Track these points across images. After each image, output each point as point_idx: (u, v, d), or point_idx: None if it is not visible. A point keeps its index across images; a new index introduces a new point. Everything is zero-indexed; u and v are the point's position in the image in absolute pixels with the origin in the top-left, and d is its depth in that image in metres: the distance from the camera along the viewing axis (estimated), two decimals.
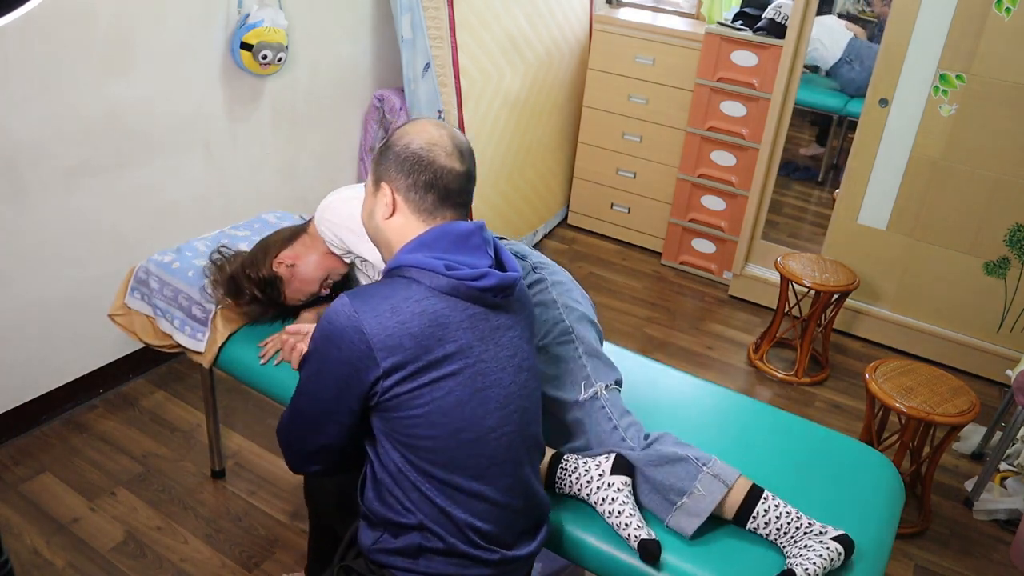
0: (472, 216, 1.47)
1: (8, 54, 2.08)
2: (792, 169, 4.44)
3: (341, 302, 1.26)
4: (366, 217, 1.41)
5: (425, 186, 1.31)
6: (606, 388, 1.69)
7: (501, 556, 1.35)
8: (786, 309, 3.13)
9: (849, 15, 4.24)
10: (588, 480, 1.58)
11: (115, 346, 2.67)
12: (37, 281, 2.37)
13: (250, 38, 2.58)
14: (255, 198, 2.94)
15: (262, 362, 1.93)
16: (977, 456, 2.77)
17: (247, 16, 2.59)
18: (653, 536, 1.50)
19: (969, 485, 2.59)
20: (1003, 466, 2.58)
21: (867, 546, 1.55)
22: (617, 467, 1.58)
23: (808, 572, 1.43)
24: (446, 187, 1.32)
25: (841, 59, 3.95)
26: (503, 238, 1.77)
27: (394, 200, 1.34)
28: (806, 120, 4.58)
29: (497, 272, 1.31)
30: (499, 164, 3.51)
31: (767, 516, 1.54)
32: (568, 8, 3.74)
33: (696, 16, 3.88)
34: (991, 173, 2.99)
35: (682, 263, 3.91)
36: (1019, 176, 2.95)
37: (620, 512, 1.53)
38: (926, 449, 2.40)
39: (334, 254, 1.91)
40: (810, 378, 3.12)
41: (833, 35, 3.98)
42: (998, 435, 2.64)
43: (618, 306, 3.55)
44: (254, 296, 1.93)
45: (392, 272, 1.31)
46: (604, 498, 1.56)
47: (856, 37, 4.00)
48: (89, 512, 2.23)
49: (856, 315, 3.40)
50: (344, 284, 2.03)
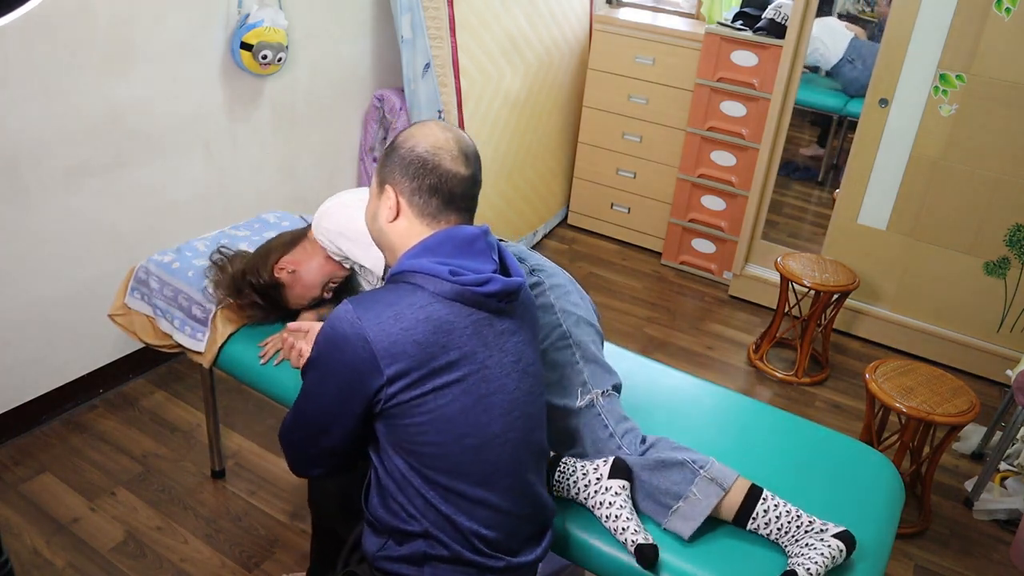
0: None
1: (8, 54, 2.08)
2: (792, 169, 4.44)
3: (344, 309, 1.24)
4: (369, 219, 1.40)
5: (430, 190, 1.30)
6: (603, 394, 1.67)
7: (507, 563, 1.34)
8: (786, 309, 3.13)
9: (849, 15, 4.24)
10: (586, 484, 1.58)
11: (115, 346, 2.67)
12: (37, 281, 2.37)
13: (250, 38, 2.58)
14: (255, 198, 2.95)
15: (262, 362, 1.93)
16: (977, 456, 2.77)
17: (247, 16, 2.60)
18: (651, 540, 1.50)
19: (969, 485, 2.59)
20: (1003, 466, 2.58)
21: (867, 546, 1.55)
22: (615, 471, 1.58)
23: (811, 572, 1.43)
24: (451, 191, 1.31)
25: (843, 58, 3.95)
26: (501, 240, 1.76)
27: (398, 203, 1.32)
28: (806, 120, 4.57)
29: (501, 277, 1.30)
30: (499, 164, 3.51)
31: (767, 516, 1.54)
32: (568, 8, 3.74)
33: (696, 16, 3.88)
34: (991, 173, 2.99)
35: (682, 263, 3.91)
36: (1019, 176, 2.95)
37: (618, 516, 1.53)
38: (926, 449, 2.40)
39: (335, 259, 1.91)
40: (810, 378, 3.12)
41: (834, 35, 3.98)
42: (998, 435, 2.64)
43: (618, 306, 3.55)
44: (255, 302, 1.95)
45: (396, 277, 1.30)
46: (602, 502, 1.55)
47: (857, 37, 4.00)
48: (89, 512, 2.23)
49: (856, 315, 3.40)
50: (346, 287, 2.03)
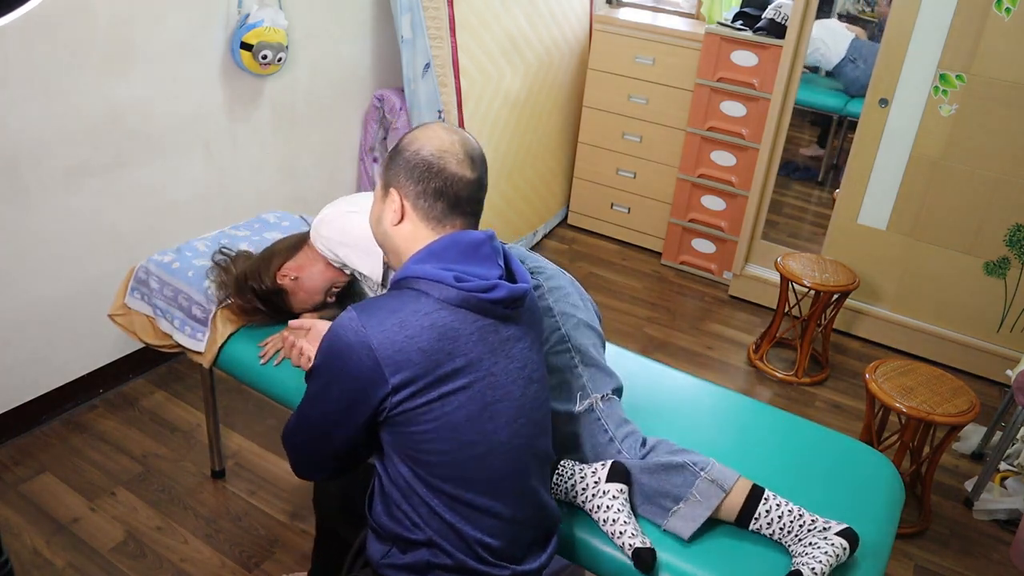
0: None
1: (8, 54, 2.08)
2: (792, 169, 4.44)
3: (348, 316, 1.23)
4: (374, 222, 1.38)
5: (435, 194, 1.29)
6: (603, 399, 1.66)
7: (511, 572, 1.33)
8: (786, 309, 3.13)
9: (849, 15, 4.24)
10: (584, 487, 1.58)
11: (115, 346, 2.67)
12: (37, 281, 2.37)
13: (250, 38, 2.58)
14: (255, 198, 2.95)
15: (262, 362, 1.93)
16: (977, 456, 2.77)
17: (247, 16, 2.60)
18: (648, 544, 1.49)
19: (969, 485, 2.59)
20: (1003, 466, 2.58)
21: (867, 546, 1.55)
22: (613, 474, 1.58)
23: (815, 572, 1.42)
24: (456, 195, 1.29)
25: (845, 58, 3.95)
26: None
27: (402, 207, 1.31)
28: (806, 120, 4.57)
29: (507, 283, 1.28)
30: (499, 164, 3.51)
31: (769, 516, 1.54)
32: (568, 8, 3.74)
33: (696, 16, 3.88)
34: (991, 173, 2.99)
35: (682, 263, 3.91)
36: (1019, 176, 2.95)
37: (615, 520, 1.52)
38: (926, 449, 2.40)
39: (335, 266, 1.92)
40: (810, 378, 3.12)
41: (835, 36, 3.98)
42: (998, 435, 2.64)
43: (618, 306, 3.55)
44: (256, 308, 1.95)
45: (400, 283, 1.28)
46: (599, 506, 1.55)
47: (857, 38, 4.00)
48: (89, 512, 2.23)
49: (856, 315, 3.40)
50: (349, 291, 2.03)
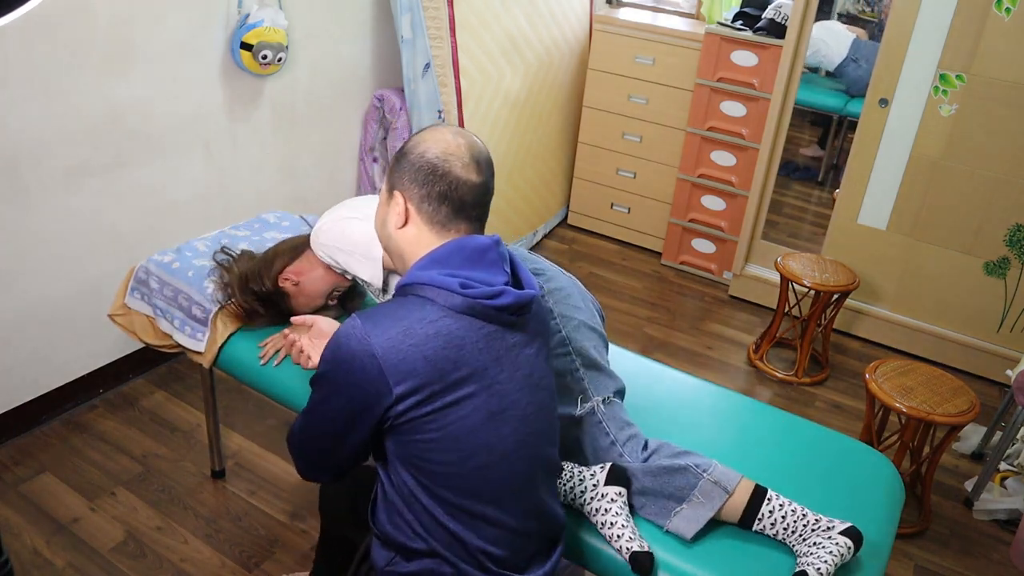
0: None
1: (8, 54, 2.08)
2: (792, 169, 4.44)
3: (352, 324, 1.21)
4: (379, 225, 1.37)
5: (439, 197, 1.27)
6: (604, 401, 1.66)
7: None
8: (786, 309, 3.12)
9: (849, 15, 4.24)
10: (583, 490, 1.58)
11: (115, 346, 2.67)
12: (37, 281, 2.37)
13: (250, 38, 2.58)
14: (255, 198, 2.94)
15: (262, 362, 1.93)
16: (977, 456, 2.77)
17: (247, 16, 2.60)
18: (646, 548, 1.49)
19: (969, 485, 2.59)
20: (1003, 466, 2.58)
21: (867, 546, 1.54)
22: (612, 478, 1.57)
23: (820, 572, 1.42)
24: (461, 199, 1.27)
25: (847, 58, 3.95)
26: None
27: (407, 210, 1.29)
28: (806, 120, 4.57)
29: (513, 290, 1.27)
30: (499, 164, 3.49)
31: (773, 517, 1.53)
32: (568, 8, 3.74)
33: (696, 16, 3.88)
34: (991, 173, 2.99)
35: (682, 263, 3.90)
36: (1019, 176, 2.95)
37: (613, 523, 1.52)
38: (926, 449, 2.40)
39: (336, 271, 1.92)
40: (810, 378, 3.12)
41: (836, 36, 3.99)
42: (998, 435, 2.64)
43: (618, 306, 3.55)
44: (256, 310, 1.95)
45: (405, 290, 1.27)
46: (598, 508, 1.55)
47: (858, 38, 4.00)
48: (89, 512, 2.23)
49: (856, 315, 3.40)
50: (350, 293, 2.03)
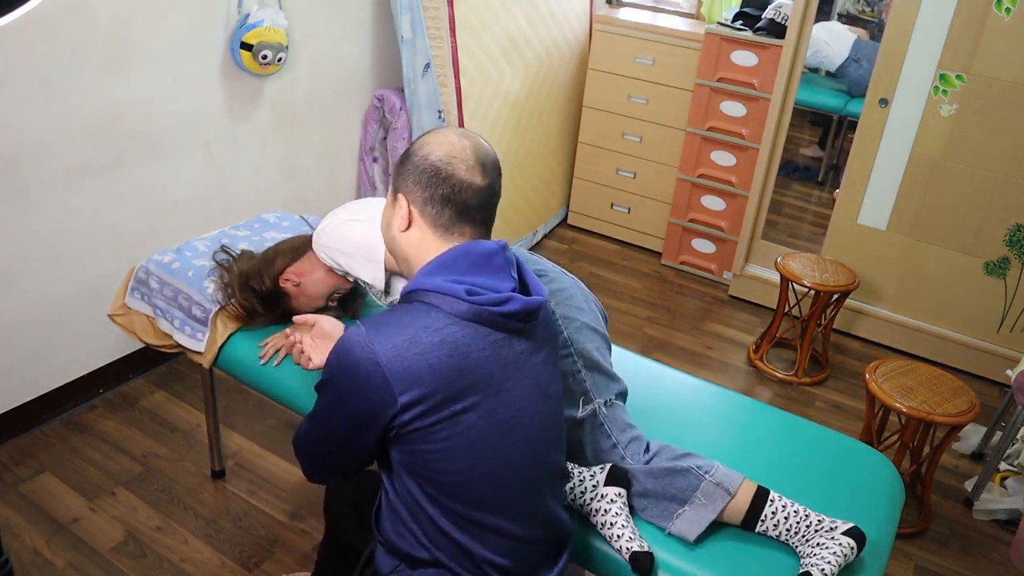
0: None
1: (8, 54, 2.08)
2: (792, 169, 4.44)
3: (357, 332, 1.19)
4: (384, 227, 1.36)
5: (442, 200, 1.25)
6: (606, 404, 1.66)
7: None
8: (786, 309, 3.12)
9: (849, 15, 4.24)
10: (582, 491, 1.57)
11: (115, 346, 2.67)
12: (37, 281, 2.37)
13: (250, 38, 2.58)
14: (255, 198, 2.94)
15: (262, 362, 1.93)
16: (977, 456, 2.77)
17: (247, 16, 2.60)
18: (646, 548, 1.49)
19: (969, 485, 2.59)
20: (1003, 466, 2.58)
21: (867, 546, 1.54)
22: (612, 478, 1.57)
23: (824, 572, 1.42)
24: (464, 202, 1.26)
25: (848, 58, 3.95)
26: None
27: (410, 213, 1.28)
28: (806, 120, 4.57)
29: (521, 296, 1.24)
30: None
31: (776, 518, 1.53)
32: (568, 8, 3.74)
33: (696, 16, 3.88)
34: (991, 173, 2.99)
35: (682, 263, 3.90)
36: (1019, 176, 2.95)
37: (613, 524, 1.52)
38: (926, 449, 2.40)
39: (337, 273, 1.91)
40: (810, 378, 3.12)
41: (838, 37, 3.99)
42: (998, 435, 2.64)
43: (618, 306, 3.55)
44: (256, 309, 1.95)
45: (410, 296, 1.25)
46: (597, 509, 1.55)
47: (860, 38, 4.01)
48: (89, 512, 2.23)
49: (856, 315, 3.40)
50: (351, 296, 2.03)
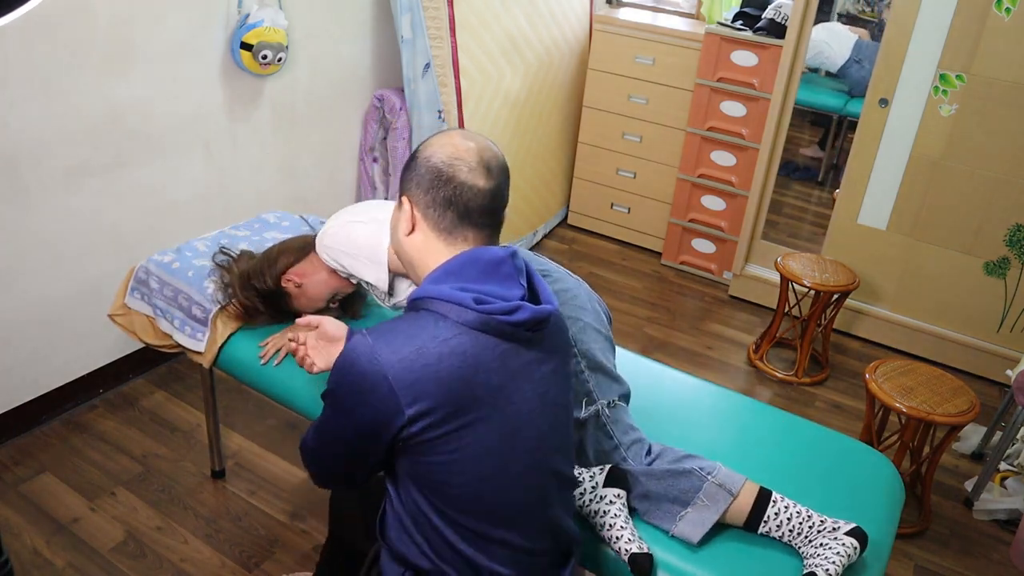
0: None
1: (8, 54, 2.08)
2: (792, 169, 4.44)
3: (363, 342, 1.16)
4: (391, 231, 1.35)
5: (444, 203, 1.23)
6: (609, 405, 1.65)
7: None
8: (786, 309, 3.12)
9: (849, 15, 4.24)
10: (581, 492, 1.57)
11: (115, 346, 2.67)
12: (37, 281, 2.37)
13: (250, 38, 2.58)
14: (255, 198, 2.94)
15: (262, 362, 1.93)
16: (977, 456, 2.77)
17: (247, 16, 2.59)
18: (645, 550, 1.48)
19: (969, 485, 2.59)
20: (1003, 466, 2.58)
21: (868, 546, 1.55)
22: (611, 479, 1.57)
23: (829, 573, 1.42)
24: (466, 205, 1.23)
25: (850, 59, 3.96)
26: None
27: (413, 216, 1.26)
28: (806, 120, 4.58)
29: (530, 305, 1.21)
30: None
31: (778, 519, 1.53)
32: (568, 8, 3.74)
33: (696, 16, 3.88)
34: (991, 173, 2.99)
35: (682, 263, 3.90)
36: (1019, 176, 2.95)
37: (612, 525, 1.52)
38: (926, 449, 2.40)
39: (341, 275, 1.91)
40: (810, 378, 3.12)
41: (839, 38, 4.00)
42: (998, 435, 2.64)
43: (618, 306, 3.55)
44: (256, 308, 1.95)
45: (417, 304, 1.22)
46: (596, 511, 1.54)
47: (861, 39, 4.01)
48: (89, 512, 2.23)
49: (856, 315, 3.40)
50: (352, 297, 2.03)
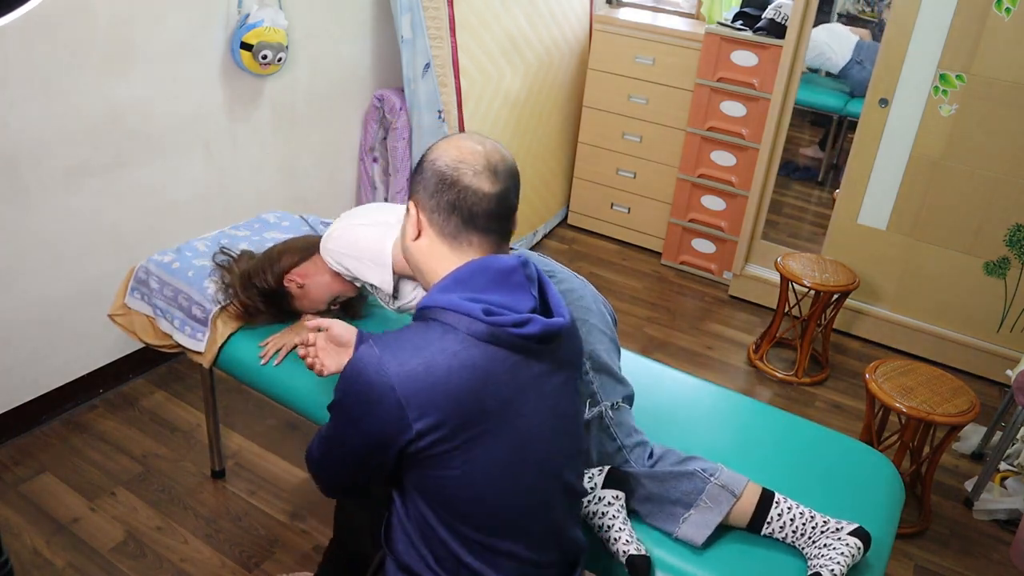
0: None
1: (8, 54, 2.08)
2: (792, 169, 4.44)
3: (370, 353, 1.14)
4: (401, 236, 1.33)
5: (448, 207, 1.21)
6: (612, 407, 1.65)
7: None
8: (786, 309, 3.12)
9: (849, 15, 4.24)
10: None
11: (115, 346, 2.67)
12: (37, 281, 2.37)
13: (250, 38, 2.58)
14: (255, 198, 2.94)
15: (262, 362, 1.93)
16: (977, 456, 2.77)
17: (247, 16, 2.59)
18: (642, 551, 1.48)
19: (969, 485, 2.59)
20: (1003, 466, 2.58)
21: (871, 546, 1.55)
22: (609, 481, 1.57)
23: (834, 573, 1.42)
24: (470, 209, 1.21)
25: (851, 60, 3.96)
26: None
27: (419, 221, 1.24)
28: (806, 120, 4.58)
29: (541, 318, 1.19)
30: None
31: (781, 520, 1.53)
32: (568, 8, 3.74)
33: (696, 16, 3.88)
34: (991, 173, 2.99)
35: (682, 263, 3.90)
36: (1019, 176, 2.95)
37: (610, 527, 1.51)
38: (926, 449, 2.40)
39: (345, 279, 1.91)
40: (810, 378, 3.12)
41: (840, 39, 4.00)
42: (998, 435, 2.64)
43: (618, 306, 3.55)
44: (257, 307, 1.95)
45: (425, 313, 1.20)
46: (595, 512, 1.54)
47: (862, 39, 4.01)
48: (89, 512, 2.23)
49: (856, 315, 3.40)
50: (354, 299, 2.03)
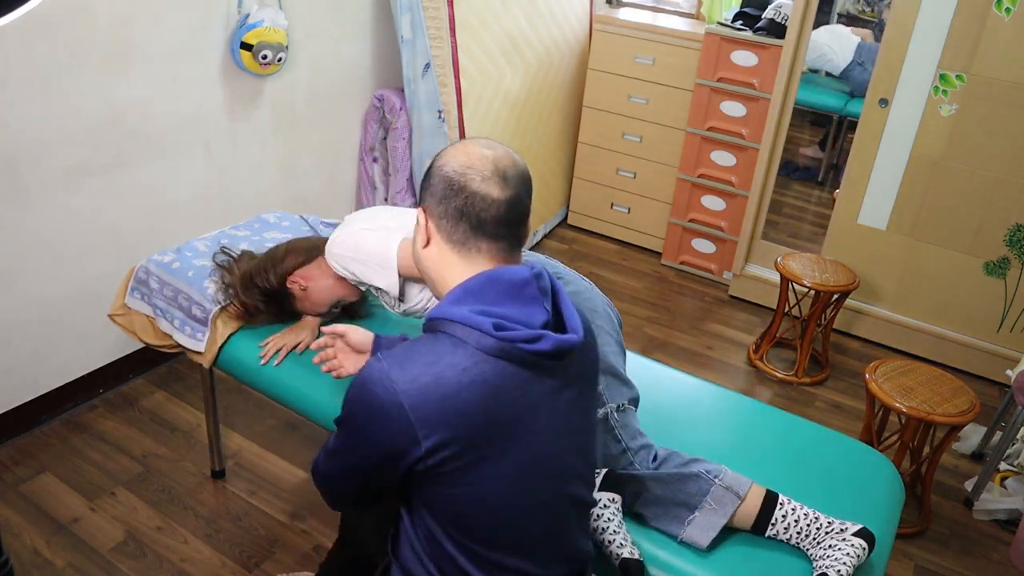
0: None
1: (8, 54, 2.08)
2: (792, 169, 4.44)
3: (378, 368, 1.12)
4: (412, 244, 1.32)
5: (456, 213, 1.19)
6: (618, 409, 1.65)
7: None
8: (786, 309, 3.12)
9: (849, 16, 4.24)
10: None
11: (115, 346, 2.67)
12: (37, 281, 2.37)
13: (250, 38, 2.58)
14: (255, 198, 2.94)
15: (262, 362, 1.93)
16: (977, 456, 2.77)
17: (247, 16, 2.59)
18: (636, 555, 1.48)
19: (969, 485, 2.59)
20: (1003, 466, 2.58)
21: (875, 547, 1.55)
22: (606, 483, 1.57)
23: (841, 573, 1.42)
24: (478, 216, 1.18)
25: (852, 62, 3.97)
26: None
27: (428, 228, 1.23)
28: (806, 120, 4.58)
29: (553, 335, 1.15)
30: None
31: (786, 521, 1.53)
32: (568, 8, 3.74)
33: (696, 16, 3.88)
34: (991, 173, 2.99)
35: (682, 263, 3.91)
36: (1019, 176, 2.95)
37: (605, 529, 1.51)
38: (926, 449, 2.40)
39: (348, 282, 1.91)
40: (810, 378, 3.12)
41: (841, 40, 4.01)
42: (998, 435, 2.64)
43: (618, 306, 3.53)
44: (257, 307, 1.96)
45: (434, 325, 1.18)
46: (591, 513, 1.53)
47: (863, 40, 4.02)
48: (89, 512, 2.23)
49: (856, 315, 3.40)
50: (355, 302, 2.03)
